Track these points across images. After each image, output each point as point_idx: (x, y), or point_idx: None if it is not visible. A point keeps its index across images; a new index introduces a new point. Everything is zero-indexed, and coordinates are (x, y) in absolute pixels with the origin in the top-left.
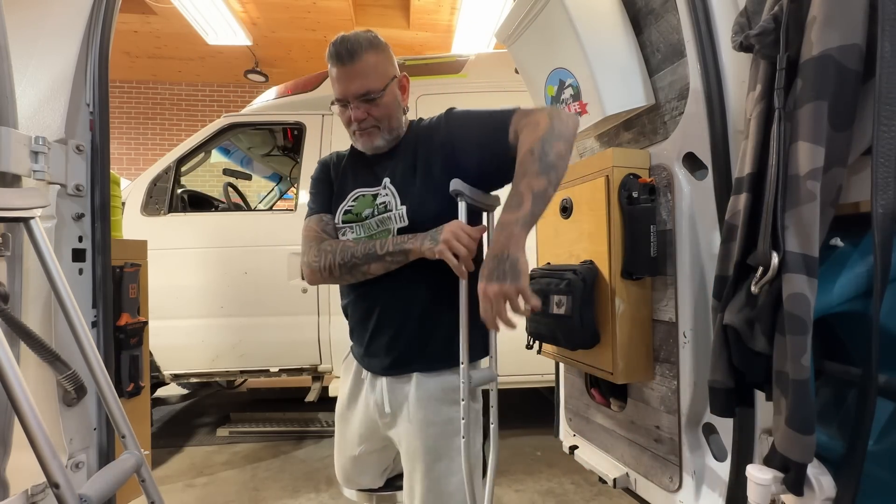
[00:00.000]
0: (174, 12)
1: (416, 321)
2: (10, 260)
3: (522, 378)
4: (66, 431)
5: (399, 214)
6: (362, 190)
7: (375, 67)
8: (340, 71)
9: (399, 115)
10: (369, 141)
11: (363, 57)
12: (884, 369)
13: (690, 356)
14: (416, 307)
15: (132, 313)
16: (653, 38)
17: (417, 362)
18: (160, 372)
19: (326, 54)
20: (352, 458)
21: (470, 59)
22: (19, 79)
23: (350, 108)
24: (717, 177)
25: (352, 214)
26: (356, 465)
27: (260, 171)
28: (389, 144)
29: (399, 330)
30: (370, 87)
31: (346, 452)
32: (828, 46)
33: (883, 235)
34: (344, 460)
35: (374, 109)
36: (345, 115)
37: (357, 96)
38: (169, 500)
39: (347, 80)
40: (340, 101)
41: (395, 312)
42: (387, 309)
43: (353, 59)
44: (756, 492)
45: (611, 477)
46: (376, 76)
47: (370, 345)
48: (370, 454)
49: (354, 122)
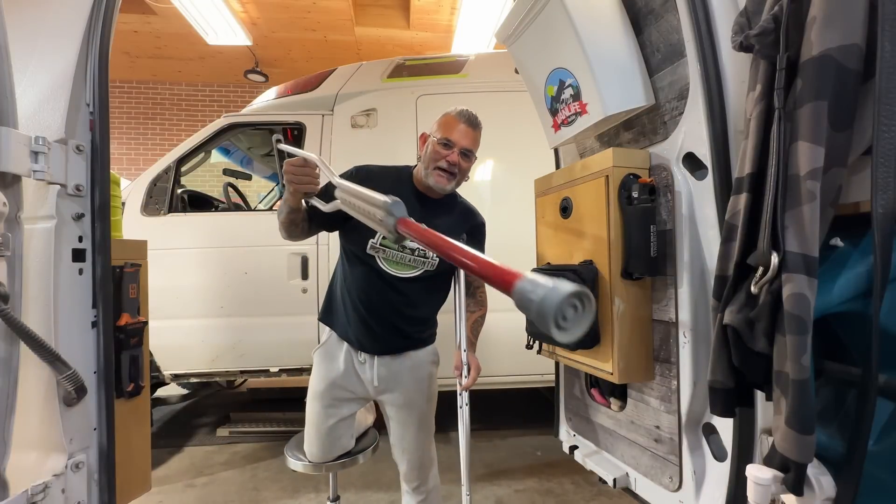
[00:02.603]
0: (174, 12)
1: (413, 319)
2: (10, 260)
3: (522, 378)
4: (66, 431)
5: (433, 262)
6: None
7: (478, 141)
8: (464, 127)
9: (463, 179)
10: (445, 182)
11: (479, 130)
12: (884, 369)
13: (690, 356)
14: (414, 309)
15: (132, 313)
16: (653, 38)
17: (411, 346)
18: (160, 372)
19: (456, 113)
20: (336, 424)
21: (470, 59)
22: (19, 79)
23: (454, 152)
24: (717, 177)
25: (388, 240)
26: (338, 429)
27: (260, 171)
28: (445, 193)
29: (400, 325)
30: (473, 148)
31: (326, 423)
32: (828, 46)
33: (883, 235)
34: (324, 433)
35: (464, 163)
36: (443, 153)
37: (463, 148)
38: (169, 500)
39: (465, 135)
40: (448, 143)
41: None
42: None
43: (475, 127)
44: (756, 492)
45: (611, 477)
46: (476, 146)
47: (375, 333)
48: (349, 418)
49: (447, 162)
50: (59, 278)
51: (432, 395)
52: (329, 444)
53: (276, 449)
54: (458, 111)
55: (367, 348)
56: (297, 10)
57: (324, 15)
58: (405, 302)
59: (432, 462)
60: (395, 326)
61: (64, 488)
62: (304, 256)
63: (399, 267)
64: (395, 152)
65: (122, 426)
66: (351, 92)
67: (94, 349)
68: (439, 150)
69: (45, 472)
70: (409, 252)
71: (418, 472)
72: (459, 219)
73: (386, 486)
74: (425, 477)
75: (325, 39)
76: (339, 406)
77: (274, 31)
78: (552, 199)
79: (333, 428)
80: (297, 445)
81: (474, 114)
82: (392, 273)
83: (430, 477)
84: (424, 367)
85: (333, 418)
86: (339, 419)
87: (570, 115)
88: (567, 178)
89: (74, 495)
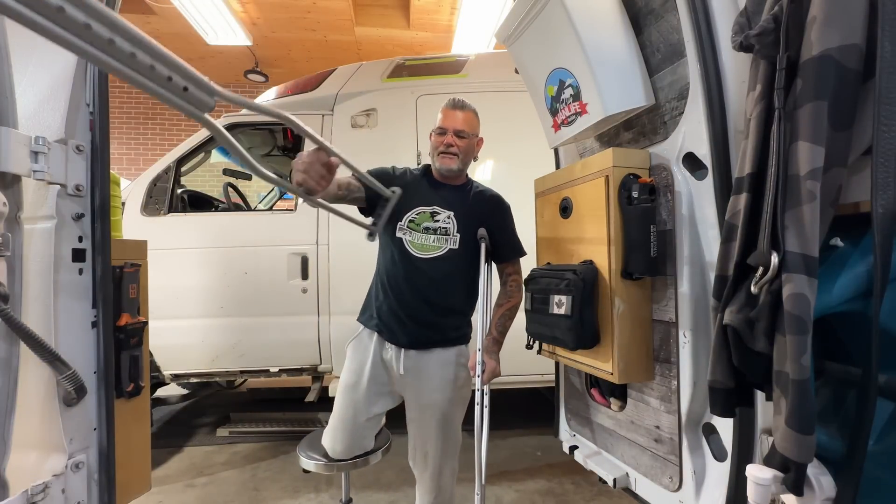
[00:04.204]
0: (174, 12)
1: (440, 308)
2: (10, 260)
3: (522, 378)
4: (66, 431)
5: (454, 239)
6: (424, 207)
7: (471, 121)
8: (451, 112)
9: (469, 159)
10: (449, 162)
11: (468, 111)
12: (884, 369)
13: (690, 356)
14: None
15: (132, 313)
16: (653, 38)
17: (439, 342)
18: (160, 372)
19: (444, 104)
20: (365, 420)
21: (470, 59)
22: (19, 79)
23: (447, 135)
24: (717, 177)
25: (414, 224)
26: (365, 427)
27: None
28: (458, 172)
29: (427, 313)
30: (465, 128)
31: (360, 418)
32: (828, 46)
33: (883, 235)
34: (352, 428)
35: (460, 142)
36: (439, 140)
37: (455, 131)
38: (169, 500)
39: (453, 119)
40: (441, 130)
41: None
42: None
43: (463, 108)
44: (756, 492)
45: (611, 477)
46: (469, 126)
47: (403, 321)
48: (379, 416)
49: (444, 145)
50: (59, 278)
51: (458, 400)
52: (353, 441)
53: (276, 449)
54: (446, 102)
55: (396, 339)
56: (297, 10)
57: (324, 15)
58: (432, 285)
59: (453, 475)
60: (422, 314)
61: (64, 488)
62: (304, 256)
63: (425, 249)
64: (395, 152)
65: (122, 426)
66: (351, 92)
67: (94, 349)
68: (437, 138)
69: (45, 472)
70: (433, 232)
71: (437, 482)
72: (473, 201)
73: (385, 486)
74: (446, 484)
75: (325, 39)
76: (368, 402)
77: (274, 31)
78: (552, 199)
79: (359, 424)
80: (311, 445)
81: (462, 99)
82: (418, 255)
83: (446, 485)
84: (451, 367)
85: (362, 415)
86: (367, 417)
87: (570, 115)
88: (567, 178)
89: (74, 495)
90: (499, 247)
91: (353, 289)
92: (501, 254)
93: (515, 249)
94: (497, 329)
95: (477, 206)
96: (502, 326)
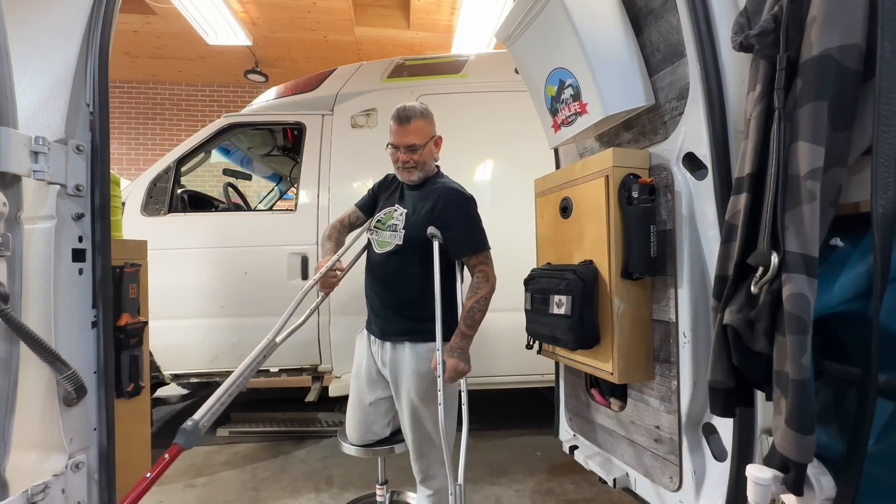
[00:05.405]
0: (174, 12)
1: (400, 301)
2: (10, 260)
3: (522, 378)
4: (66, 431)
5: (400, 235)
6: (390, 208)
7: (421, 130)
8: (398, 128)
9: (431, 162)
10: (409, 175)
11: (414, 121)
12: (884, 369)
13: (690, 356)
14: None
15: (132, 313)
16: (653, 38)
17: (408, 336)
18: (160, 372)
19: (392, 116)
20: (369, 404)
21: (470, 59)
22: (19, 79)
23: (400, 151)
24: (717, 177)
25: (380, 223)
26: (371, 412)
27: (260, 171)
28: (421, 180)
29: (391, 305)
30: (415, 141)
31: (364, 401)
32: (828, 46)
33: (883, 235)
34: (360, 413)
35: (415, 156)
36: (395, 155)
37: (405, 147)
38: (169, 501)
39: (402, 134)
40: (395, 147)
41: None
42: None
43: (408, 121)
44: (756, 492)
45: (611, 477)
46: (420, 136)
47: (377, 314)
48: (382, 400)
49: (401, 162)
50: (59, 278)
51: (429, 396)
52: (362, 425)
53: (276, 449)
54: (393, 114)
55: (375, 330)
56: (297, 10)
57: (324, 15)
58: (388, 279)
59: (431, 464)
60: (388, 306)
61: (64, 488)
62: (304, 256)
63: (381, 245)
64: None
65: (122, 426)
66: (351, 92)
67: (94, 349)
68: (392, 153)
69: (45, 472)
70: (389, 229)
71: (418, 466)
72: (426, 198)
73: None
74: (426, 471)
75: (325, 39)
76: (371, 388)
77: (274, 31)
78: (552, 199)
79: (366, 409)
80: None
81: (406, 107)
82: (377, 251)
83: (432, 473)
84: (422, 362)
85: (366, 399)
86: (370, 401)
87: (570, 115)
88: (567, 178)
89: (74, 495)
90: (448, 242)
91: (353, 289)
92: (453, 250)
93: (468, 245)
94: (465, 323)
95: (427, 202)
96: (471, 320)
